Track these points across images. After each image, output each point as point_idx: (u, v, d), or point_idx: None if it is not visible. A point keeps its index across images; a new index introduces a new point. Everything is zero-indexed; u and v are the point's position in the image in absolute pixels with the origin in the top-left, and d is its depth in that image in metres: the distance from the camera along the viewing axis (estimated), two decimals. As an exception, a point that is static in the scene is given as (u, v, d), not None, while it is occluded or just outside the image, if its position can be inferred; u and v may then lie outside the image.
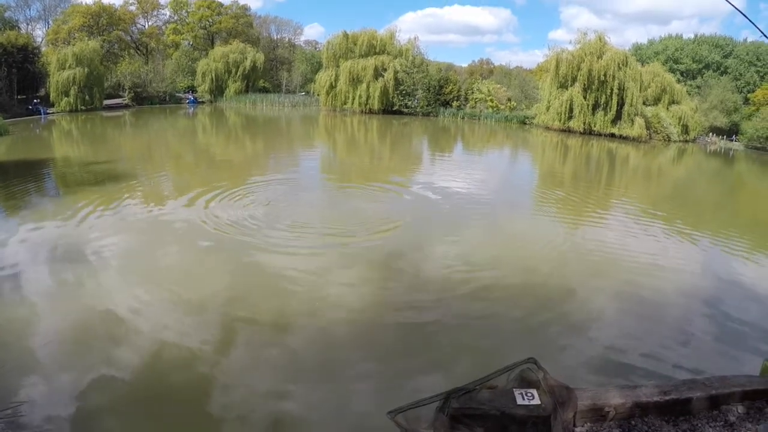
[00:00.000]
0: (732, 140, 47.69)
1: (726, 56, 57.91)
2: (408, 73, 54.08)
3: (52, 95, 44.43)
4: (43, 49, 54.45)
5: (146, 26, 69.79)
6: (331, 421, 5.88)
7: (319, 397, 6.23)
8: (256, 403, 6.10)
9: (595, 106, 43.67)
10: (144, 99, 53.68)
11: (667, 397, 4.69)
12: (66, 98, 44.15)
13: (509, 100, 55.92)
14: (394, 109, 54.93)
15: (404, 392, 5.84)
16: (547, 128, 46.47)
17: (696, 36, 61.32)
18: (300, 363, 6.98)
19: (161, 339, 7.27)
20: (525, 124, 51.25)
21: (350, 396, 6.33)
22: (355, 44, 54.98)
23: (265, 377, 6.61)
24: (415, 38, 57.46)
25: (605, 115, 43.10)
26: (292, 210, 14.37)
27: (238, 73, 61.05)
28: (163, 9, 71.02)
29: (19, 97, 43.26)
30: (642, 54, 59.39)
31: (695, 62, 57.64)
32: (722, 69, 56.96)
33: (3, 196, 15.22)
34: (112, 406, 5.89)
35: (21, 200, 14.89)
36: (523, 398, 4.25)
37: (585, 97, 43.52)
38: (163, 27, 70.92)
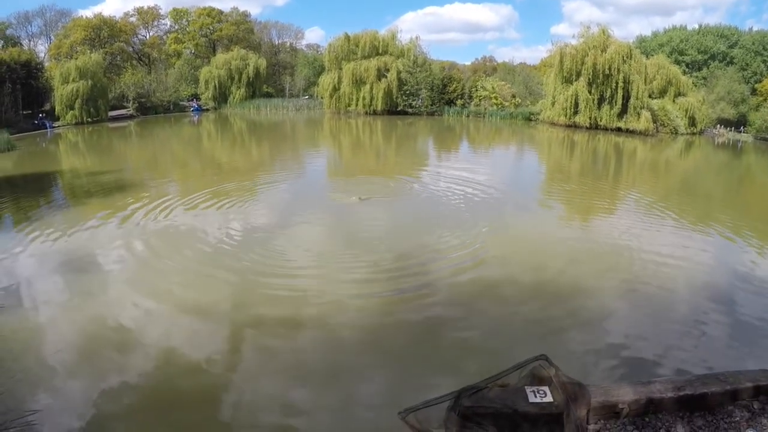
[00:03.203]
0: (740, 132, 47.19)
1: (732, 46, 57.11)
2: (411, 73, 54.07)
3: (58, 109, 44.70)
4: (46, 63, 55.09)
5: (147, 37, 70.38)
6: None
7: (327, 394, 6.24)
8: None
9: (600, 101, 43.35)
10: (148, 109, 53.96)
11: (681, 393, 4.61)
12: (71, 111, 44.41)
13: (514, 96, 55.74)
14: (399, 109, 54.95)
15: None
16: (553, 124, 46.18)
17: (700, 26, 60.58)
18: (304, 357, 7.04)
19: (170, 346, 7.26)
20: (530, 120, 50.98)
21: (359, 397, 6.33)
22: (357, 46, 55.16)
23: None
24: (416, 38, 57.62)
25: (611, 109, 42.76)
26: (294, 216, 14.44)
27: (242, 80, 61.16)
28: (163, 19, 71.83)
29: (24, 112, 43.50)
30: (646, 46, 58.84)
31: (700, 53, 56.89)
32: (728, 59, 56.20)
33: (12, 208, 15.33)
34: (125, 413, 5.92)
35: (29, 212, 14.91)
36: (535, 396, 4.20)
37: (590, 92, 43.22)
38: (165, 37, 71.46)
